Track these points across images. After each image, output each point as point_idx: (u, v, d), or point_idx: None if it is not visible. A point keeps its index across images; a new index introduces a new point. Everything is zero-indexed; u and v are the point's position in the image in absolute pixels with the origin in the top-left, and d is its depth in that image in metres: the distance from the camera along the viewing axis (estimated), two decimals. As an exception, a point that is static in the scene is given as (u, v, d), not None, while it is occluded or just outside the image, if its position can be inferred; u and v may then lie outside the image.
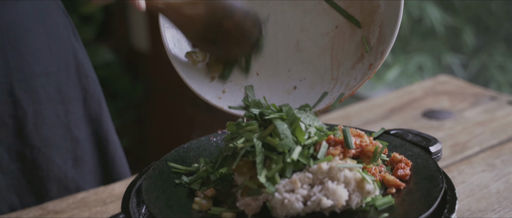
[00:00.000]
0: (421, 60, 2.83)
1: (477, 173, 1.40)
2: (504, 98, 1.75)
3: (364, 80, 1.07)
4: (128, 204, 0.98)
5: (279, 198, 0.91)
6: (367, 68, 1.08)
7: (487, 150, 1.50)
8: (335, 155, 0.94)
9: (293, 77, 1.13)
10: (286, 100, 1.11)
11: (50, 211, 1.32)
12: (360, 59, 1.09)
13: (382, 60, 1.05)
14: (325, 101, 1.09)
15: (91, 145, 1.46)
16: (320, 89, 1.11)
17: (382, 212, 0.92)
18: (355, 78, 1.09)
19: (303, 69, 1.13)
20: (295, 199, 0.90)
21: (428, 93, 1.81)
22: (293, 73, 1.13)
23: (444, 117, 1.67)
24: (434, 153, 1.07)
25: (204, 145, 1.12)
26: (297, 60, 1.13)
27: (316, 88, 1.11)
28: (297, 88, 1.12)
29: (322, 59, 1.12)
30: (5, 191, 1.35)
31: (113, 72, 3.39)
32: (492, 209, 1.27)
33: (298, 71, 1.13)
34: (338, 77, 1.10)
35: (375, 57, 1.07)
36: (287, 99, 1.11)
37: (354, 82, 1.08)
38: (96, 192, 1.39)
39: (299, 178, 0.92)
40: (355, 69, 1.09)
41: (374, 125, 1.64)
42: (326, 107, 1.08)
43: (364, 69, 1.08)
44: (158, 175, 1.03)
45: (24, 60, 1.30)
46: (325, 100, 1.09)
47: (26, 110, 1.32)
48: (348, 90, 1.08)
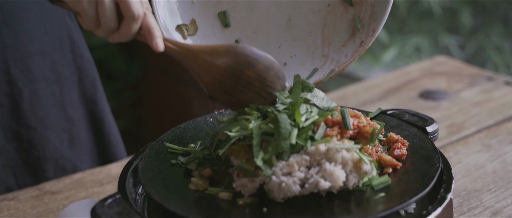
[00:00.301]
0: (418, 41, 2.83)
1: (473, 153, 1.40)
2: (501, 79, 1.75)
3: (354, 57, 1.07)
4: (125, 184, 0.98)
5: (276, 181, 0.91)
6: (358, 45, 1.08)
7: (484, 130, 1.50)
8: (333, 136, 0.94)
9: (283, 54, 1.13)
10: None
11: (46, 192, 1.32)
12: (351, 37, 1.09)
13: (374, 38, 1.05)
14: (315, 77, 1.09)
15: (86, 125, 1.46)
16: (311, 66, 1.11)
17: (379, 191, 0.93)
18: (346, 55, 1.09)
19: (294, 45, 1.13)
20: (292, 182, 0.91)
21: (425, 74, 1.81)
22: (283, 49, 1.13)
23: (441, 98, 1.67)
24: (431, 133, 1.07)
25: (201, 125, 1.12)
26: (288, 36, 1.13)
27: (306, 65, 1.11)
28: (287, 64, 1.12)
29: (313, 36, 1.12)
30: (2, 171, 1.35)
31: (109, 53, 3.38)
32: (488, 188, 1.27)
33: (289, 48, 1.13)
34: (328, 54, 1.10)
35: (366, 35, 1.07)
36: None
37: (345, 59, 1.08)
38: (93, 173, 1.39)
39: (297, 160, 0.92)
40: (346, 46, 1.09)
41: (371, 105, 1.64)
42: (316, 82, 1.08)
43: (355, 47, 1.08)
44: (154, 155, 1.03)
45: (19, 39, 1.30)
46: (315, 75, 1.09)
47: (22, 90, 1.32)
48: (339, 67, 1.08)
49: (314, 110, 0.99)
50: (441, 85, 1.74)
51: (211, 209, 0.92)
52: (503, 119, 1.54)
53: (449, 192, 0.94)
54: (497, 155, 1.39)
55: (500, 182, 1.29)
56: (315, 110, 0.99)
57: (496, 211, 1.20)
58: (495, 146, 1.42)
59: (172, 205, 0.90)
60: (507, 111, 1.58)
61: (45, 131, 1.37)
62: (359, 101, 1.68)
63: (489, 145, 1.43)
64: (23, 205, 1.28)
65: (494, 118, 1.55)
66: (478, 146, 1.43)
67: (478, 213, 1.20)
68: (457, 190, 1.27)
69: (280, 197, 0.91)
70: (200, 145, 1.06)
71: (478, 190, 1.27)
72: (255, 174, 0.92)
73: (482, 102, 1.63)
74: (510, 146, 1.42)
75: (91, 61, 1.46)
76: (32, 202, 1.29)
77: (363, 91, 1.74)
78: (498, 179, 1.30)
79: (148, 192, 0.93)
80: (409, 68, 1.87)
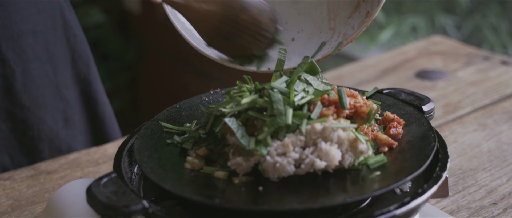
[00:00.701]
0: (414, 21, 2.82)
1: (469, 133, 1.40)
2: (497, 58, 1.74)
3: (361, 28, 1.07)
4: (120, 163, 0.98)
5: (271, 161, 0.91)
6: (364, 16, 1.07)
7: (479, 109, 1.50)
8: (329, 116, 0.94)
9: (291, 29, 1.13)
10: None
11: (42, 171, 1.32)
12: (356, 8, 1.09)
13: (379, 8, 1.05)
14: (324, 51, 1.09)
15: (80, 105, 1.45)
16: (318, 40, 1.11)
17: (375, 170, 0.93)
18: (352, 27, 1.08)
19: (301, 20, 1.13)
20: (287, 163, 0.90)
21: (421, 54, 1.81)
22: (290, 25, 1.13)
23: (437, 78, 1.66)
24: (427, 112, 1.07)
25: (196, 104, 1.12)
26: (294, 12, 1.13)
27: (314, 39, 1.11)
28: (295, 39, 1.12)
29: (319, 10, 1.12)
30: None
31: (104, 34, 3.36)
32: (483, 167, 1.28)
33: (296, 23, 1.13)
34: (335, 27, 1.10)
35: (371, 5, 1.07)
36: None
37: (352, 31, 1.08)
38: (88, 153, 1.39)
39: (291, 141, 0.91)
40: (352, 18, 1.09)
41: (367, 85, 1.64)
42: (325, 56, 1.08)
43: (361, 18, 1.08)
44: (150, 134, 1.03)
45: (10, 18, 1.29)
46: (324, 49, 1.09)
47: (14, 69, 1.31)
48: (346, 39, 1.08)
49: (310, 89, 0.98)
50: (437, 64, 1.74)
51: (206, 188, 0.92)
52: (499, 98, 1.54)
53: (445, 171, 0.94)
54: (492, 134, 1.39)
55: (495, 161, 1.29)
56: (311, 90, 0.98)
57: (491, 189, 1.21)
58: (490, 125, 1.43)
59: (167, 184, 0.90)
60: (503, 91, 1.58)
61: (39, 111, 1.37)
62: (355, 81, 1.68)
63: (484, 125, 1.43)
64: (19, 184, 1.28)
65: (490, 97, 1.55)
66: (473, 125, 1.43)
67: (473, 191, 1.21)
68: (452, 169, 1.27)
69: (275, 177, 0.91)
70: (196, 125, 1.06)
71: (474, 169, 1.27)
72: (250, 154, 0.92)
73: (478, 81, 1.63)
74: (505, 125, 1.43)
75: (85, 41, 1.45)
76: (27, 181, 1.29)
77: (359, 71, 1.74)
78: (493, 158, 1.31)
79: (143, 171, 0.93)
80: (406, 48, 1.86)
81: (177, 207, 0.92)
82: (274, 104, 0.93)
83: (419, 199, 0.89)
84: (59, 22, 1.38)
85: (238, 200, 0.89)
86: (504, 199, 1.18)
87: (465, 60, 1.75)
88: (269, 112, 0.93)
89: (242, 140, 0.92)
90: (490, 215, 1.14)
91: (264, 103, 0.94)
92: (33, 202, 1.22)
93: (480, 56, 1.76)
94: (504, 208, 1.15)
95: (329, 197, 0.88)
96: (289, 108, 0.93)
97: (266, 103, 0.94)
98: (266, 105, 0.94)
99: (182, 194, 0.88)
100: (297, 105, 0.95)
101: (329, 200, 0.87)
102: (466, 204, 1.17)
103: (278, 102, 0.93)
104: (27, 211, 1.20)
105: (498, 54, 1.84)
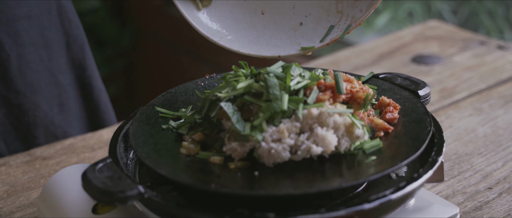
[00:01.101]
0: (411, 6, 2.81)
1: (465, 118, 1.40)
2: (493, 43, 1.74)
3: (370, 10, 1.06)
4: (116, 148, 0.97)
5: (266, 148, 0.90)
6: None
7: (475, 94, 1.50)
8: (325, 101, 0.94)
9: (298, 14, 1.12)
10: (293, 37, 1.11)
11: (37, 157, 1.32)
12: None
13: None
14: (332, 35, 1.08)
15: (75, 91, 1.45)
16: (326, 23, 1.11)
17: (370, 155, 0.93)
18: (360, 10, 1.08)
19: (308, 4, 1.12)
20: (282, 149, 0.90)
21: (418, 38, 1.80)
22: (298, 9, 1.12)
23: (433, 62, 1.66)
24: (423, 96, 1.07)
25: (192, 89, 1.11)
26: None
27: (322, 23, 1.11)
28: (303, 24, 1.12)
29: None
30: None
31: (100, 19, 3.34)
32: (478, 152, 1.28)
33: (303, 7, 1.12)
34: (343, 10, 1.10)
35: None
36: (294, 36, 1.11)
37: (360, 13, 1.08)
38: (84, 138, 1.39)
39: (287, 127, 0.91)
40: (360, 0, 1.08)
41: (363, 70, 1.64)
42: (334, 40, 1.08)
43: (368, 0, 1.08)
44: (145, 119, 1.03)
45: (4, 2, 1.28)
46: (332, 33, 1.09)
47: (10, 54, 1.30)
48: (355, 22, 1.08)
49: (307, 74, 0.98)
50: (434, 49, 1.73)
51: (202, 173, 0.92)
52: (495, 83, 1.54)
53: (440, 155, 0.94)
54: (488, 119, 1.39)
55: (491, 146, 1.30)
56: (307, 74, 0.98)
57: (487, 174, 1.21)
58: (486, 110, 1.43)
59: (163, 169, 0.90)
60: (499, 75, 1.58)
61: (35, 96, 1.36)
62: (351, 66, 1.67)
63: (480, 109, 1.43)
64: (14, 170, 1.27)
65: (486, 82, 1.55)
66: (469, 110, 1.43)
67: (469, 176, 1.21)
68: (448, 154, 1.27)
69: (270, 163, 0.91)
70: (191, 110, 1.05)
71: (469, 154, 1.27)
72: (245, 139, 0.92)
73: (474, 66, 1.63)
74: (501, 110, 1.43)
75: (80, 27, 1.44)
76: (23, 167, 1.28)
77: (355, 55, 1.73)
78: (489, 143, 1.31)
79: (138, 156, 0.93)
80: (402, 33, 1.86)
81: (173, 193, 0.92)
82: (269, 89, 0.93)
83: (415, 183, 0.89)
84: (54, 7, 1.37)
85: (233, 185, 0.89)
86: (499, 183, 1.18)
87: (462, 44, 1.75)
88: (265, 97, 0.93)
89: (237, 125, 0.92)
90: (485, 200, 1.14)
91: (260, 88, 0.94)
92: (28, 188, 1.22)
93: (476, 41, 1.76)
94: (499, 193, 1.16)
95: (325, 182, 0.88)
96: (285, 93, 0.93)
97: (262, 88, 0.94)
98: (261, 90, 0.94)
99: (177, 179, 0.88)
100: (293, 90, 0.95)
101: (325, 185, 0.87)
102: (462, 188, 1.17)
103: (274, 86, 0.93)
104: (23, 197, 1.20)
105: (494, 38, 1.83)
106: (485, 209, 1.12)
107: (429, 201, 1.00)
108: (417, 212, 0.98)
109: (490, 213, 1.11)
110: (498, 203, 1.13)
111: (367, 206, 0.86)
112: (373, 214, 0.87)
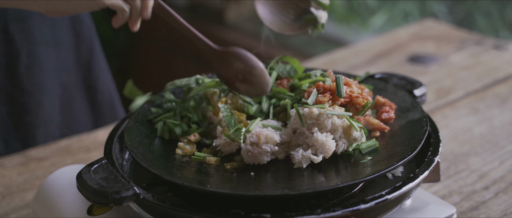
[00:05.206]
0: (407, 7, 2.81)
1: (461, 117, 1.40)
2: (489, 42, 1.74)
3: None
4: (111, 149, 0.97)
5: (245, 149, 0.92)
6: None
7: (471, 94, 1.50)
8: (325, 102, 0.94)
9: None
10: None
11: (33, 158, 1.31)
12: None
13: None
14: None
15: (79, 92, 1.44)
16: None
17: (367, 155, 0.92)
18: None
19: None
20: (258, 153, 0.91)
21: (414, 38, 1.80)
22: None
23: (429, 62, 1.66)
24: (419, 96, 1.07)
25: (187, 90, 1.11)
26: None
27: None
28: None
29: None
30: None
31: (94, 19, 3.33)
32: (474, 152, 1.28)
33: None
34: None
35: None
36: None
37: None
38: (80, 139, 1.38)
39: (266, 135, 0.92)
40: None
41: (359, 70, 1.64)
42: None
43: None
44: (140, 120, 1.02)
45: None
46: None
47: (20, 51, 1.30)
48: None
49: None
50: (430, 49, 1.73)
51: (198, 174, 0.91)
52: (490, 82, 1.54)
53: (437, 155, 0.94)
54: (484, 119, 1.39)
55: (487, 146, 1.30)
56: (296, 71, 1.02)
57: (483, 174, 1.21)
58: (482, 110, 1.43)
59: (158, 170, 0.90)
60: (495, 75, 1.58)
61: (39, 96, 1.36)
62: (347, 66, 1.67)
63: (476, 109, 1.43)
64: (9, 171, 1.27)
65: (482, 82, 1.55)
66: (465, 110, 1.43)
67: (465, 176, 1.21)
68: (444, 153, 1.27)
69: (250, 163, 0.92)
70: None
71: (465, 154, 1.27)
72: (232, 138, 0.93)
73: (470, 66, 1.63)
74: (497, 109, 1.43)
75: (91, 28, 1.44)
76: (18, 168, 1.28)
77: (351, 55, 1.73)
78: (485, 142, 1.31)
79: (134, 157, 0.92)
80: (398, 33, 1.86)
81: (168, 193, 0.92)
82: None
83: (411, 183, 0.89)
84: None
85: (229, 186, 0.88)
86: (495, 183, 1.18)
87: (457, 44, 1.75)
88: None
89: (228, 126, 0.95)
90: (482, 199, 1.14)
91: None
92: (24, 189, 1.22)
93: (472, 41, 1.76)
94: (496, 192, 1.16)
95: (321, 182, 0.88)
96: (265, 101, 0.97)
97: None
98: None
99: (173, 180, 0.88)
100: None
101: (321, 185, 0.87)
102: (458, 188, 1.17)
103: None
104: (18, 198, 1.19)
105: (490, 37, 1.84)
106: (482, 209, 1.12)
107: (426, 201, 1.00)
108: (414, 212, 0.98)
109: (486, 213, 1.11)
110: (494, 203, 1.13)
111: (363, 206, 0.85)
112: (369, 214, 0.87)
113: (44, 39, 1.33)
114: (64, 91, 1.40)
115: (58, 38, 1.36)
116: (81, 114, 1.46)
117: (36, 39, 1.32)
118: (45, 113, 1.37)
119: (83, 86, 1.44)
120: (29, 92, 1.33)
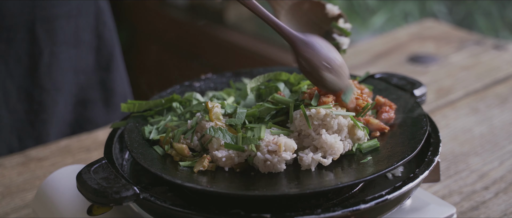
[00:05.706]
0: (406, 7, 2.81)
1: (461, 117, 1.40)
2: (489, 43, 1.74)
3: None
4: (111, 149, 0.97)
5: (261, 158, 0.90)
6: None
7: (471, 94, 1.50)
8: (329, 102, 0.94)
9: None
10: None
11: (33, 158, 1.31)
12: None
13: None
14: None
15: (96, 93, 1.45)
16: None
17: (367, 155, 0.92)
18: None
19: None
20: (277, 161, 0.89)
21: (414, 38, 1.80)
22: None
23: (429, 62, 1.66)
24: (419, 96, 1.07)
25: (187, 90, 1.11)
26: None
27: None
28: None
29: None
30: (8, 132, 1.34)
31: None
32: (474, 152, 1.28)
33: None
34: None
35: None
36: None
37: None
38: (80, 139, 1.38)
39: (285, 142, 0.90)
40: None
41: (359, 70, 1.64)
42: None
43: None
44: (141, 120, 1.02)
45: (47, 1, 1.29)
46: None
47: (43, 50, 1.32)
48: None
49: None
50: (430, 49, 1.73)
51: (198, 174, 0.91)
52: (490, 82, 1.54)
53: (437, 155, 0.94)
54: (484, 119, 1.39)
55: (487, 146, 1.30)
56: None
57: (483, 174, 1.21)
58: (482, 110, 1.43)
59: (158, 169, 0.90)
60: (495, 75, 1.58)
61: (57, 94, 1.37)
62: (347, 66, 1.67)
63: (476, 109, 1.43)
64: (9, 171, 1.27)
65: (482, 82, 1.55)
66: (465, 110, 1.43)
67: (465, 176, 1.21)
68: (444, 153, 1.27)
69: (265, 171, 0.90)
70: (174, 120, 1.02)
71: (465, 154, 1.27)
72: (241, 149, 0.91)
73: (470, 66, 1.63)
74: (497, 109, 1.43)
75: (113, 30, 1.46)
76: (18, 168, 1.28)
77: (352, 55, 1.73)
78: (485, 142, 1.31)
79: (133, 157, 0.92)
80: (398, 33, 1.86)
81: (168, 193, 0.92)
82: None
83: (411, 183, 0.89)
84: (92, 8, 1.39)
85: (229, 186, 0.88)
86: (495, 183, 1.18)
87: (457, 44, 1.75)
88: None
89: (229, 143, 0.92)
90: (482, 199, 1.14)
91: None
92: (24, 189, 1.22)
93: (472, 41, 1.76)
94: (496, 192, 1.16)
95: (321, 182, 0.88)
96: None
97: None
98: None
99: (173, 180, 0.88)
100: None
101: (321, 185, 0.87)
102: (458, 188, 1.17)
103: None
104: (18, 198, 1.19)
105: (490, 37, 1.84)
106: (482, 209, 1.12)
107: (426, 201, 1.00)
108: (414, 212, 0.98)
109: (486, 213, 1.11)
110: (494, 203, 1.13)
111: (363, 206, 0.85)
112: (369, 214, 0.87)
113: (66, 40, 1.36)
114: (80, 90, 1.42)
115: (80, 40, 1.39)
116: (94, 114, 1.46)
117: (58, 40, 1.34)
118: (59, 111, 1.39)
119: (100, 86, 1.46)
120: (48, 90, 1.35)
